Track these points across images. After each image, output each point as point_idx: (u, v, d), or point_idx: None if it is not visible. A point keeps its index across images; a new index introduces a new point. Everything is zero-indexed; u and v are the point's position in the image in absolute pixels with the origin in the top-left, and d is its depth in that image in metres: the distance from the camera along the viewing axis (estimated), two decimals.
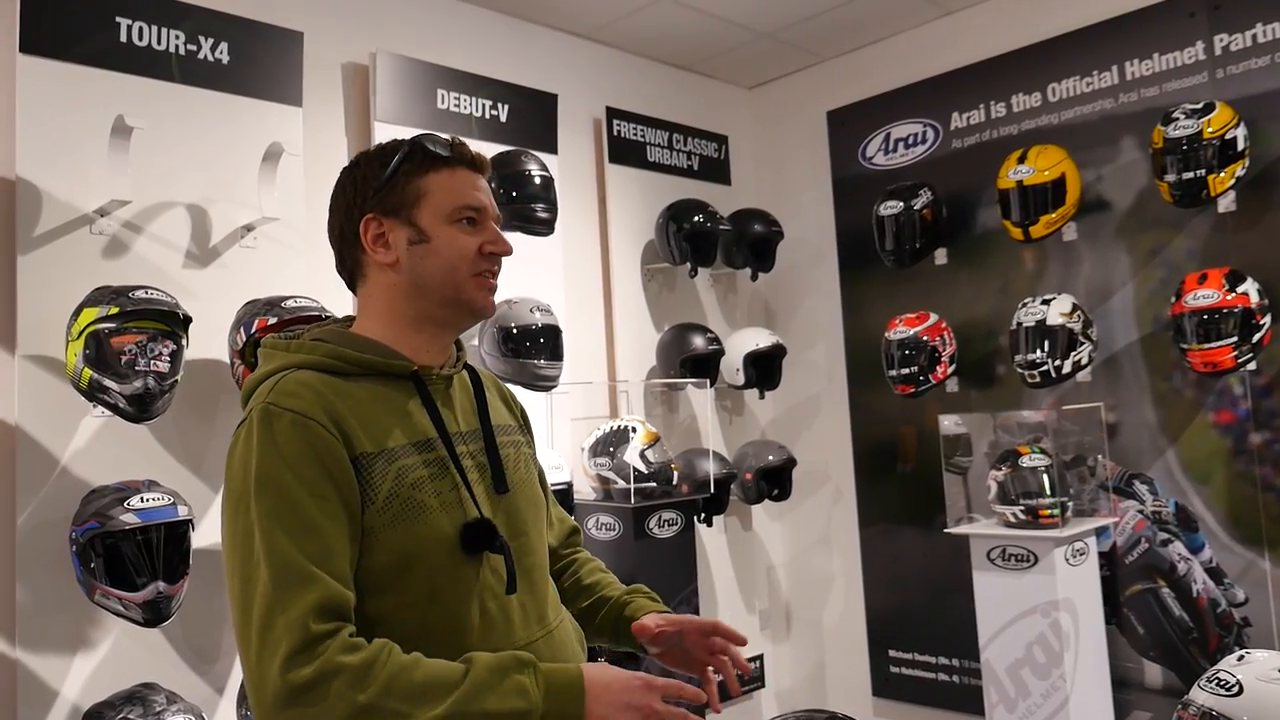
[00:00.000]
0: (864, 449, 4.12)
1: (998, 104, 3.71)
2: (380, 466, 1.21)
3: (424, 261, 1.31)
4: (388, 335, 1.33)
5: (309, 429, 1.18)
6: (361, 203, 1.32)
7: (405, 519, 1.21)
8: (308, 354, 1.29)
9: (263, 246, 2.76)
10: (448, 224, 1.32)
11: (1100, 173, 3.40)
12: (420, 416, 1.29)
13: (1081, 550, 3.14)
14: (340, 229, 1.35)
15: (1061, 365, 3.20)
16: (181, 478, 2.51)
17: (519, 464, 1.43)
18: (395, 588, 1.20)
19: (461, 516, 1.25)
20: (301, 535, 1.13)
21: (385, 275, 1.32)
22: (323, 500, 1.15)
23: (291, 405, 1.19)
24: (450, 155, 1.33)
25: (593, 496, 3.37)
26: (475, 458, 1.34)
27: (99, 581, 2.17)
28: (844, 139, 4.19)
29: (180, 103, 2.64)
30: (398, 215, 1.31)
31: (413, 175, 1.32)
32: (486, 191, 1.37)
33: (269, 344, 1.35)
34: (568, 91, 3.72)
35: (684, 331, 3.78)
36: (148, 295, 2.25)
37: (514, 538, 1.33)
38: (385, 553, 1.20)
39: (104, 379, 2.19)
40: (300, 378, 1.25)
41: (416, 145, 1.33)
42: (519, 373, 3.01)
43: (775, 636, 4.38)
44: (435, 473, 1.26)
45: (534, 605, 1.33)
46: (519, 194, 3.12)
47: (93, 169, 2.45)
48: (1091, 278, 3.43)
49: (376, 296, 1.34)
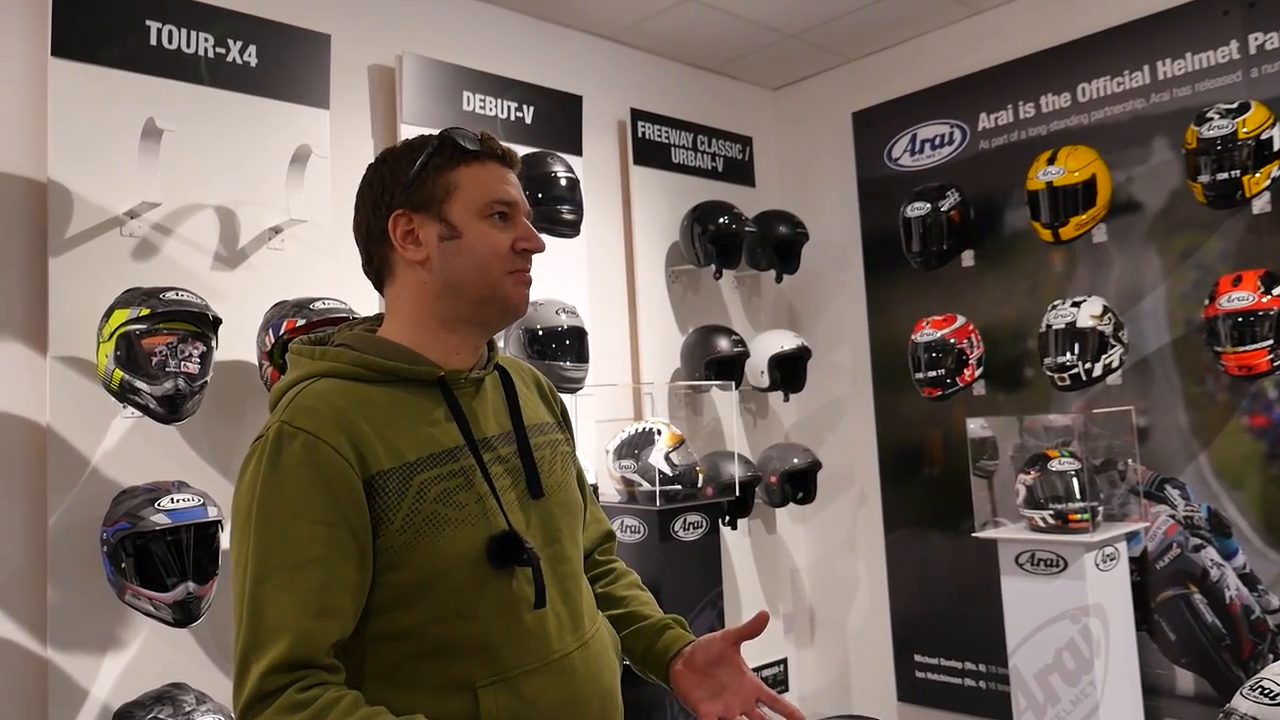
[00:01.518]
0: (889, 452, 4.09)
1: (1026, 104, 3.67)
2: (398, 483, 1.19)
3: (455, 259, 1.28)
4: (416, 337, 1.31)
5: (318, 452, 1.16)
6: (390, 199, 1.29)
7: (428, 535, 1.19)
8: (333, 361, 1.28)
9: (290, 248, 2.77)
10: (479, 219, 1.29)
11: (1131, 174, 3.36)
12: (447, 424, 1.27)
13: (1112, 555, 3.10)
14: (368, 226, 1.32)
15: (1092, 368, 3.17)
16: (210, 478, 2.52)
17: (555, 465, 1.39)
18: (421, 603, 1.19)
19: (487, 529, 1.23)
20: (291, 574, 1.12)
21: (415, 274, 1.30)
22: (326, 526, 1.14)
23: (305, 424, 1.18)
24: (480, 149, 1.31)
25: (617, 499, 3.36)
26: (507, 462, 1.31)
27: (129, 582, 2.18)
28: (870, 140, 4.17)
29: (209, 105, 2.65)
30: (428, 210, 1.28)
31: (442, 169, 1.29)
32: (518, 186, 1.34)
33: (296, 349, 1.33)
34: (593, 93, 3.72)
35: (708, 333, 3.76)
36: (178, 297, 2.26)
37: (546, 545, 1.30)
38: (409, 569, 1.18)
39: (135, 380, 2.20)
40: (320, 390, 1.23)
41: (446, 139, 1.30)
42: (544, 374, 2.99)
43: (799, 640, 4.36)
44: (461, 484, 1.23)
45: (569, 615, 1.30)
46: (544, 195, 3.12)
47: (123, 171, 2.46)
48: (1122, 280, 3.39)
49: (406, 296, 1.31)
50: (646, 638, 1.46)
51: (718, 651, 1.39)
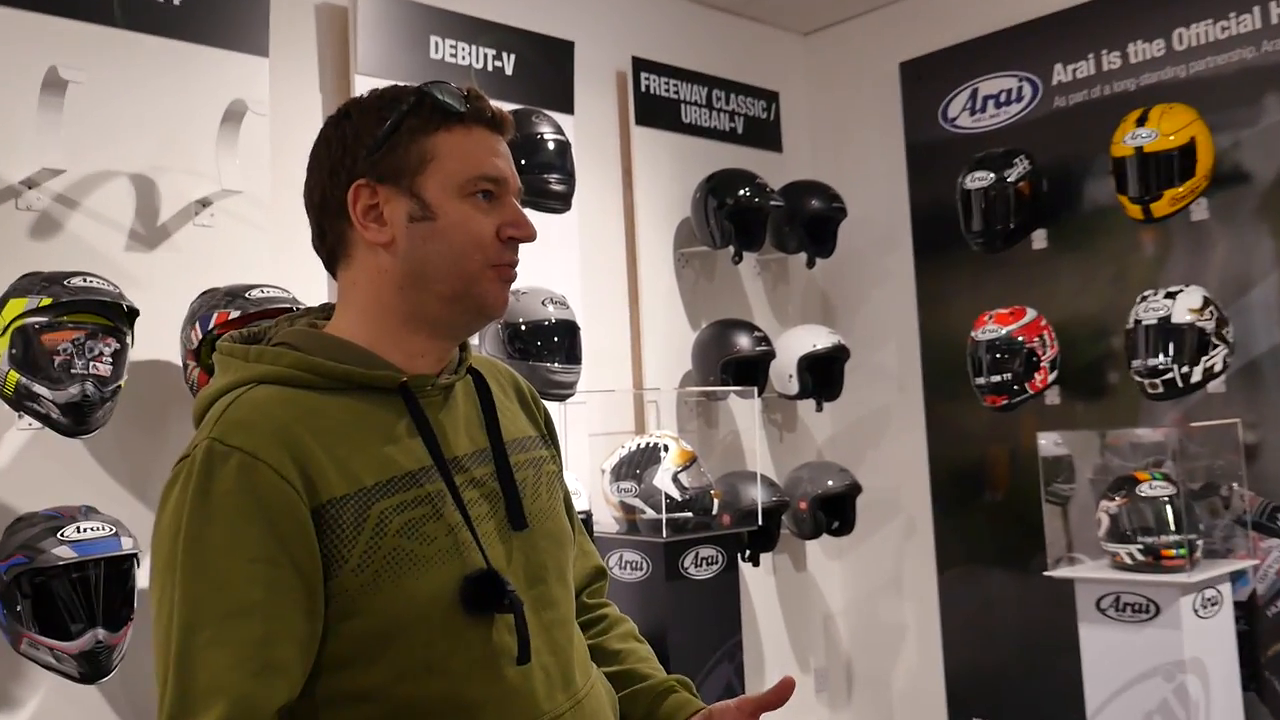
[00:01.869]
0: (943, 473, 4.09)
1: (1111, 53, 3.67)
2: (354, 513, 1.18)
3: (426, 244, 1.27)
4: (373, 335, 1.30)
5: (257, 475, 1.15)
6: (351, 164, 1.28)
7: (390, 576, 1.17)
8: (270, 364, 1.27)
9: (222, 225, 2.75)
10: (458, 198, 1.27)
11: (1238, 138, 3.36)
12: (411, 441, 1.26)
13: (1213, 599, 3.10)
14: (322, 195, 1.31)
15: (1190, 372, 3.17)
16: (125, 503, 2.51)
17: (540, 489, 1.38)
18: (382, 658, 1.18)
19: (461, 568, 1.22)
20: (226, 625, 1.11)
21: (376, 257, 1.29)
22: (268, 565, 1.13)
23: (240, 442, 1.17)
24: (466, 110, 1.29)
25: (615, 529, 3.35)
26: (482, 486, 1.30)
27: (26, 628, 2.16)
28: (920, 96, 4.16)
29: (124, 51, 2.64)
30: (396, 183, 1.27)
31: (418, 133, 1.27)
32: (508, 159, 1.32)
33: (225, 349, 1.32)
34: (586, 39, 3.71)
35: (726, 329, 3.75)
36: (86, 283, 2.24)
37: (530, 586, 1.29)
38: (367, 617, 1.17)
39: (33, 384, 2.18)
40: (258, 398, 1.22)
41: (426, 95, 1.28)
42: (528, 378, 2.90)
43: (834, 701, 4.35)
44: (428, 513, 1.22)
45: (558, 669, 1.30)
46: (528, 162, 3.11)
47: (19, 132, 2.45)
48: (1227, 266, 3.39)
49: (363, 284, 1.30)
50: (645, 703, 1.45)
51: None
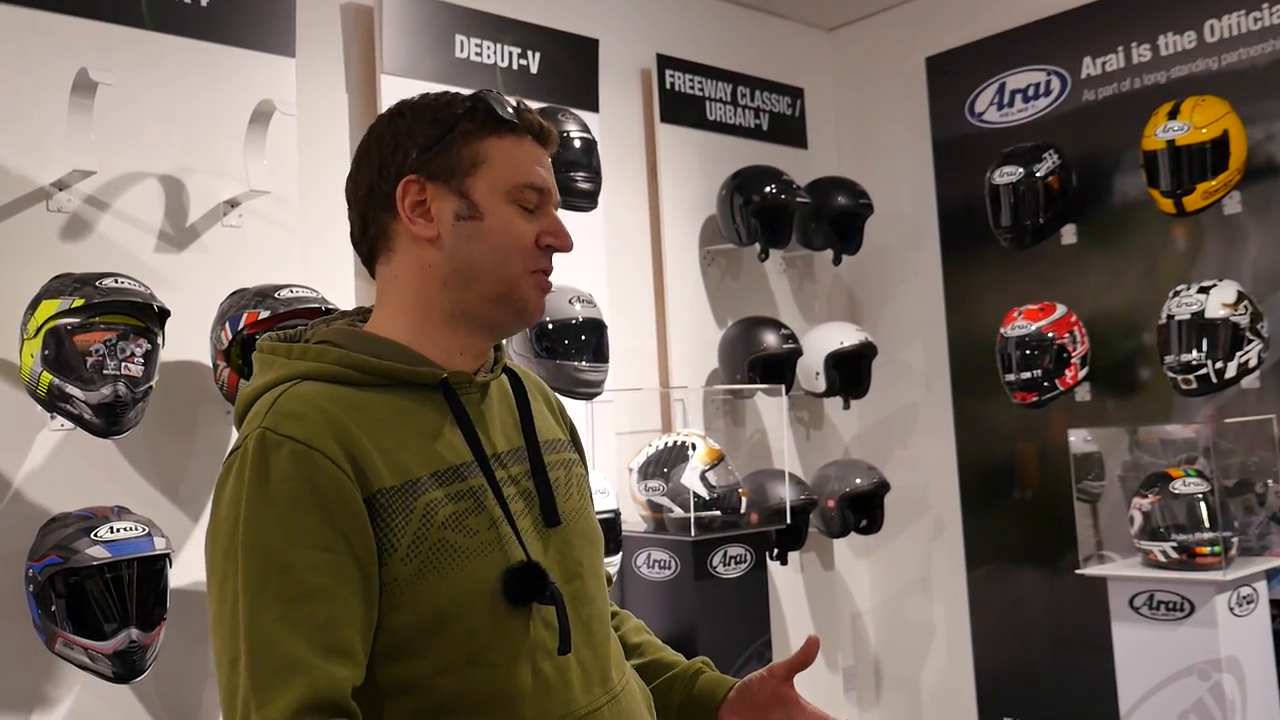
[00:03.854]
0: (972, 471, 4.08)
1: (1141, 46, 3.65)
2: (403, 504, 1.20)
3: (471, 243, 1.30)
4: (412, 332, 1.32)
5: (312, 463, 1.17)
6: (403, 159, 1.31)
7: (436, 567, 1.20)
8: (315, 360, 1.29)
9: (250, 225, 2.77)
10: (505, 202, 1.31)
11: (1272, 130, 3.34)
12: (452, 436, 1.28)
13: (1249, 597, 3.08)
14: (369, 188, 1.34)
15: (1224, 368, 3.15)
16: (157, 503, 2.52)
17: (571, 489, 1.41)
18: (427, 650, 1.19)
19: (503, 560, 1.24)
20: (293, 606, 1.12)
21: (420, 253, 1.31)
22: (328, 553, 1.15)
23: (293, 431, 1.19)
24: (518, 121, 1.34)
25: (643, 527, 3.36)
26: (519, 483, 1.33)
27: (60, 628, 2.18)
28: (947, 91, 4.15)
29: (152, 53, 2.66)
30: (447, 182, 1.30)
31: (471, 137, 1.31)
32: (551, 172, 1.37)
33: (267, 347, 1.34)
34: (611, 36, 3.72)
35: (752, 327, 3.75)
36: (117, 284, 2.26)
37: (567, 582, 1.31)
38: (414, 609, 1.19)
39: (66, 385, 2.20)
40: (305, 393, 1.24)
41: (481, 101, 1.32)
42: (555, 377, 3.00)
43: (863, 701, 4.34)
44: (471, 506, 1.25)
45: (595, 664, 1.32)
46: (554, 160, 3.11)
47: (50, 134, 2.46)
48: (1261, 260, 3.37)
49: (404, 279, 1.33)
50: (680, 687, 1.49)
51: (771, 691, 1.43)
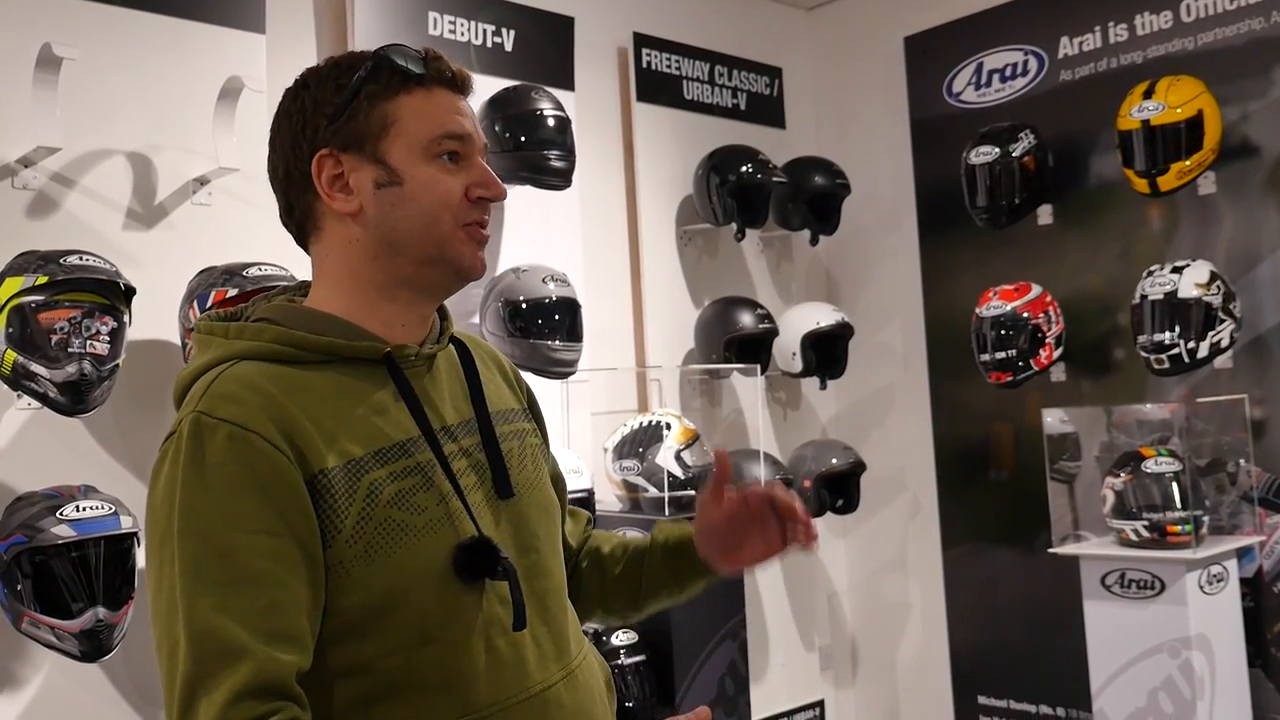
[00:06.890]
0: (948, 451, 4.09)
1: (1118, 25, 3.65)
2: (346, 484, 1.19)
3: (395, 209, 1.27)
4: (351, 307, 1.30)
5: (249, 445, 1.15)
6: (313, 135, 1.28)
7: (383, 547, 1.18)
8: (252, 339, 1.27)
9: (219, 203, 2.75)
10: (424, 160, 1.27)
11: (1246, 110, 3.34)
12: (398, 412, 1.27)
13: (1219, 576, 3.10)
14: (286, 169, 1.31)
15: (1196, 348, 3.16)
16: (124, 482, 2.51)
17: (525, 459, 1.40)
18: (377, 631, 1.19)
19: (454, 536, 1.23)
20: (233, 592, 1.11)
21: (345, 228, 1.29)
22: (268, 537, 1.14)
23: (228, 414, 1.17)
24: (425, 72, 1.29)
25: (618, 507, 3.36)
26: (470, 456, 1.31)
27: (26, 607, 2.18)
28: (925, 71, 4.15)
29: (120, 28, 2.63)
30: (360, 150, 1.27)
31: (378, 98, 1.27)
32: (472, 117, 1.33)
33: (204, 327, 1.32)
34: (587, 14, 3.70)
35: (728, 307, 3.76)
36: (82, 262, 2.25)
37: (522, 555, 1.30)
38: (363, 591, 1.18)
39: (30, 363, 2.19)
40: (241, 373, 1.22)
41: (382, 59, 1.28)
42: (529, 356, 3.00)
43: (838, 679, 4.36)
44: (419, 483, 1.23)
45: (550, 639, 1.31)
46: (528, 138, 3.11)
47: (14, 110, 2.45)
48: (1234, 240, 3.38)
49: (335, 255, 1.31)
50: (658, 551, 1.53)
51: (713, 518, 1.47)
